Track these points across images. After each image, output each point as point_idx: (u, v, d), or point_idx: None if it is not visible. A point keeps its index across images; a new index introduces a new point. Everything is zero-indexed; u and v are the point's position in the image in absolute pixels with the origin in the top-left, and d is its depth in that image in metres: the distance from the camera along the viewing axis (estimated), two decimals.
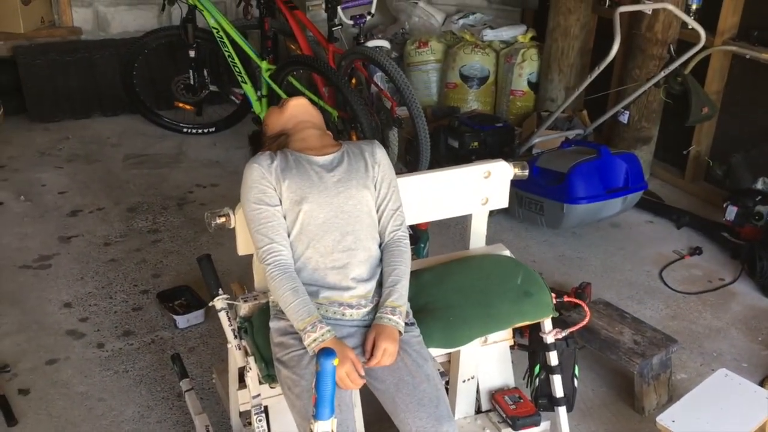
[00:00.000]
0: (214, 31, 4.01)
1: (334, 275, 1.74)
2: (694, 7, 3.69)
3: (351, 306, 1.74)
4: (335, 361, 1.28)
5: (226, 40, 4.01)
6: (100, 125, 4.64)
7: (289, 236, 1.75)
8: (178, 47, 4.34)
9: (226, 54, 4.04)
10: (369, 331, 1.72)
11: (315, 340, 1.63)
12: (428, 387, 1.69)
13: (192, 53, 4.21)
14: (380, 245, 1.84)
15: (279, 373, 1.70)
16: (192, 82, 4.31)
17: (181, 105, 4.39)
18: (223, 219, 1.79)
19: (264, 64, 3.94)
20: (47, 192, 3.79)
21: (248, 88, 4.07)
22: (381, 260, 1.82)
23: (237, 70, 4.05)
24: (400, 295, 1.75)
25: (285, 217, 1.75)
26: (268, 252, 1.72)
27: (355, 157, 1.84)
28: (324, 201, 1.75)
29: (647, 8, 3.49)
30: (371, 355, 1.69)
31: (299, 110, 1.94)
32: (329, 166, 1.81)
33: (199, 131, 4.52)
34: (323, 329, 1.64)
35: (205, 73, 4.33)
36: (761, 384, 2.53)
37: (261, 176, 1.75)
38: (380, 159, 1.86)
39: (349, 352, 1.65)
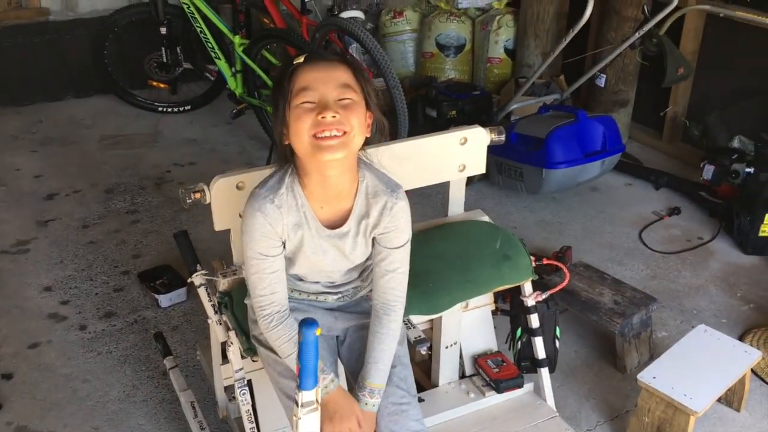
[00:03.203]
0: (185, 6, 3.95)
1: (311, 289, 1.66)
2: None
3: (327, 294, 1.67)
4: (318, 331, 1.28)
5: (197, 16, 3.95)
6: (74, 107, 4.57)
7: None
8: (149, 24, 4.27)
9: (198, 30, 3.98)
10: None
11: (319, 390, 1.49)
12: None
13: (163, 30, 4.14)
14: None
15: (258, 350, 1.69)
16: (165, 60, 4.24)
17: (155, 84, 4.33)
18: (198, 195, 1.76)
19: (237, 39, 3.88)
20: (22, 176, 3.74)
21: (222, 64, 4.02)
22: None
23: (210, 46, 3.99)
24: (381, 375, 1.59)
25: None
26: (267, 302, 1.53)
27: (367, 216, 1.54)
28: (318, 259, 1.57)
29: None
30: None
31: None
32: (341, 235, 1.55)
33: (175, 110, 4.47)
34: (327, 378, 1.53)
35: (178, 50, 4.27)
36: (740, 339, 2.57)
37: (265, 231, 1.49)
38: (397, 222, 1.55)
39: (356, 407, 1.54)
